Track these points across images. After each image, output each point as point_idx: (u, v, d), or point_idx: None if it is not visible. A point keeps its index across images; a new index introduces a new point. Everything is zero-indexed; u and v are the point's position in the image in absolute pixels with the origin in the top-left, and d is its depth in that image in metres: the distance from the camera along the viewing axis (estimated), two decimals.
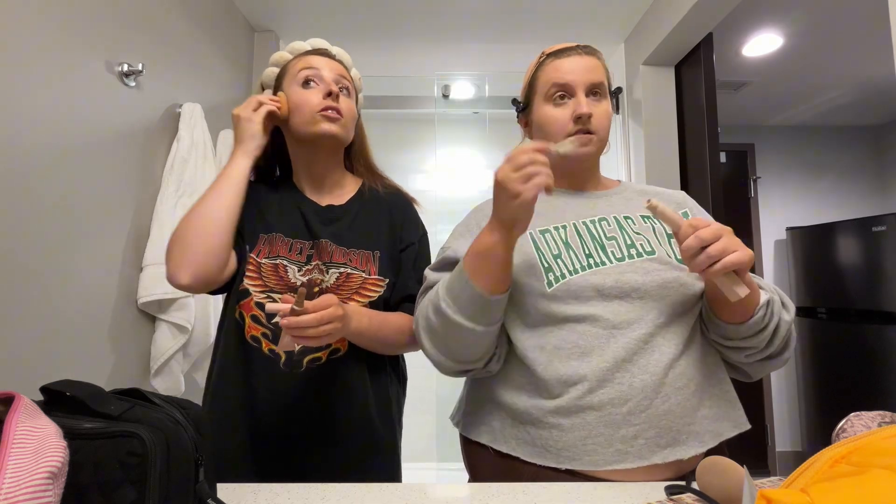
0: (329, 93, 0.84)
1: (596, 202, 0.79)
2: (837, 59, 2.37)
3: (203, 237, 0.77)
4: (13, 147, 0.96)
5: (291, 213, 0.87)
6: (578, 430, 0.65)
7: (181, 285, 0.76)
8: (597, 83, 0.76)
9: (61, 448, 0.37)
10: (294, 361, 0.80)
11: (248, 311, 0.81)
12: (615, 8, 1.96)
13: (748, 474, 0.43)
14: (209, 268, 0.77)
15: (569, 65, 0.77)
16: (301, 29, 2.12)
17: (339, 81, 0.88)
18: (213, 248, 0.77)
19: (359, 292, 0.85)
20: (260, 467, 0.79)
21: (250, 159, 0.84)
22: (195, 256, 0.76)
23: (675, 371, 0.66)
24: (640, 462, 0.63)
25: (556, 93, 0.77)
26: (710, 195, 1.87)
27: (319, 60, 0.88)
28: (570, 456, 0.65)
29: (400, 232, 0.92)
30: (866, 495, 0.29)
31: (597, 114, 0.76)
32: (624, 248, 0.72)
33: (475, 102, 2.56)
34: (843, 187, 3.30)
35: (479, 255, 0.65)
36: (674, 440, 0.64)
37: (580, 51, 0.78)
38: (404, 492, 0.60)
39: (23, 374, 0.98)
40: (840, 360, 2.72)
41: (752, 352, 0.69)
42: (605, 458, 0.64)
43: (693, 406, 0.66)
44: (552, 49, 0.81)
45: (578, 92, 0.76)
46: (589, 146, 0.76)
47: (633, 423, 0.63)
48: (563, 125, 0.76)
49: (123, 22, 1.28)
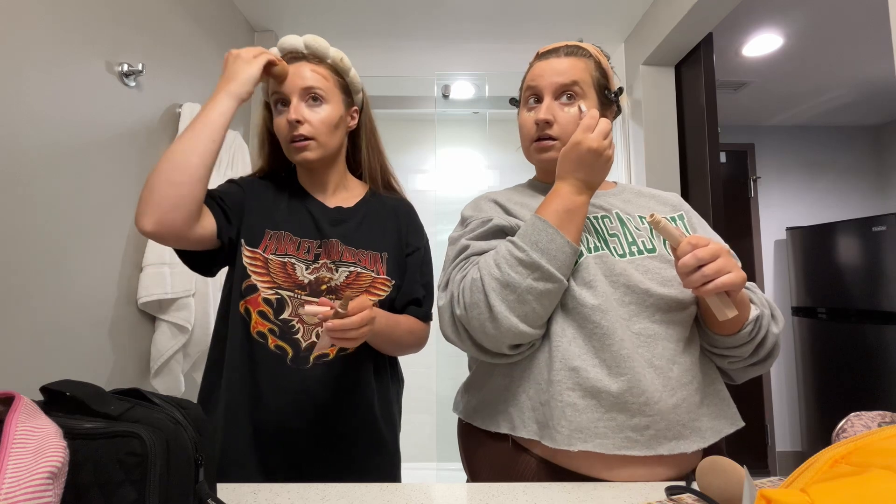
0: (289, 122, 0.81)
1: (596, 200, 0.80)
2: (837, 59, 2.37)
3: (170, 185, 0.71)
4: (13, 147, 0.96)
5: (300, 213, 0.87)
6: (592, 412, 0.65)
7: (145, 231, 0.71)
8: (566, 83, 0.75)
9: (61, 448, 0.37)
10: (301, 358, 0.80)
11: (255, 306, 0.81)
12: (615, 8, 1.96)
13: (748, 474, 0.43)
14: (174, 217, 0.71)
15: (541, 68, 0.77)
16: (301, 29, 2.11)
17: (305, 92, 0.83)
18: (181, 196, 0.71)
19: (369, 291, 0.86)
20: (263, 462, 0.79)
21: (236, 102, 0.77)
22: (161, 203, 0.70)
23: (680, 367, 0.67)
24: (647, 451, 0.63)
25: (529, 97, 0.78)
26: (710, 195, 1.86)
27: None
28: (582, 438, 0.64)
29: (406, 236, 0.93)
30: (866, 495, 0.29)
31: (561, 120, 0.75)
32: (626, 245, 0.73)
33: (475, 102, 2.56)
34: (843, 187, 3.30)
35: (569, 212, 0.67)
36: (679, 434, 0.65)
37: (562, 52, 0.77)
38: (404, 492, 0.60)
39: (23, 374, 0.98)
40: (840, 360, 2.72)
41: (735, 360, 0.71)
42: (616, 442, 0.64)
43: (696, 403, 0.67)
44: (543, 49, 0.81)
45: (545, 96, 0.76)
46: (549, 152, 0.76)
47: (648, 413, 0.64)
48: (528, 130, 0.78)
49: (123, 22, 1.28)
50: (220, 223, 0.80)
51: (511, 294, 0.65)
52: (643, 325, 0.68)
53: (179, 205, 0.71)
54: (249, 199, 0.85)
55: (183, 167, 0.72)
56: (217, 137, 0.75)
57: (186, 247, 0.78)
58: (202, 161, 0.73)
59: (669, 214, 0.80)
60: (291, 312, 0.81)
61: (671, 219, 0.79)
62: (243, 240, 0.83)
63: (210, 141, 0.74)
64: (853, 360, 2.63)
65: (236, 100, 0.77)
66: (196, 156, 0.73)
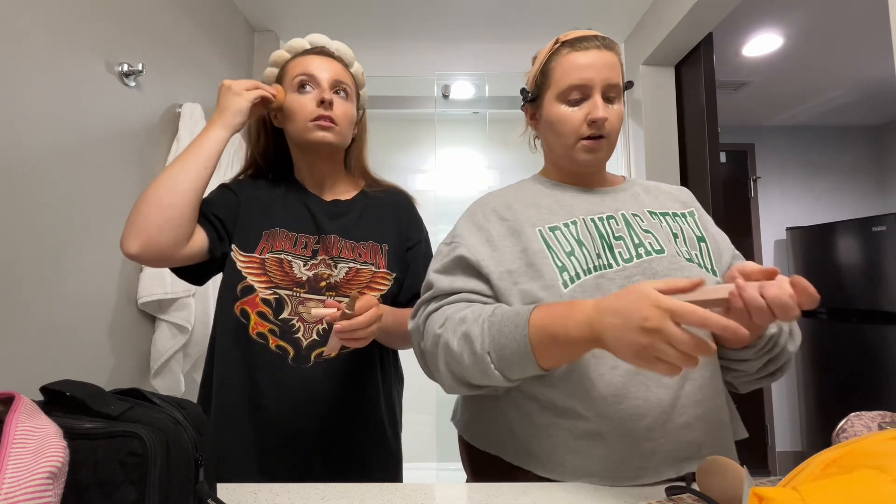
0: (322, 100, 0.82)
1: (603, 198, 0.76)
2: (837, 59, 2.37)
3: (160, 207, 0.71)
4: (13, 147, 0.96)
5: (296, 208, 0.87)
6: (598, 448, 0.62)
7: (129, 254, 0.71)
8: (614, 84, 0.71)
9: (61, 448, 0.37)
10: (302, 357, 0.80)
11: (253, 307, 0.80)
12: (615, 8, 1.96)
13: (748, 474, 0.43)
14: (161, 240, 0.71)
15: (586, 60, 0.70)
16: (301, 29, 2.11)
17: (336, 84, 0.86)
18: (169, 220, 0.72)
19: (370, 286, 0.85)
20: (263, 463, 0.78)
21: (229, 133, 0.80)
22: (147, 226, 0.71)
23: (693, 384, 0.64)
24: (656, 477, 0.61)
25: (572, 90, 0.72)
26: (710, 195, 1.86)
27: (315, 62, 0.86)
28: (588, 473, 0.62)
29: (406, 230, 0.93)
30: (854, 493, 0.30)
31: (611, 117, 0.71)
32: (632, 249, 0.69)
33: (475, 102, 2.56)
34: (842, 187, 3.30)
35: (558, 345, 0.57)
36: (694, 454, 0.62)
37: (598, 43, 0.71)
38: (404, 492, 0.60)
39: (23, 374, 0.98)
40: (840, 361, 2.72)
41: (741, 374, 0.68)
42: (624, 473, 0.62)
43: (714, 421, 0.64)
44: (568, 37, 0.74)
45: (595, 93, 0.71)
46: (599, 152, 0.73)
47: (652, 437, 0.61)
48: (576, 127, 0.72)
49: (123, 22, 1.28)
50: (212, 241, 0.80)
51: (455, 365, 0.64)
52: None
53: (165, 227, 0.72)
54: (243, 203, 0.85)
55: (173, 190, 0.73)
56: (209, 164, 0.77)
57: (174, 265, 0.80)
58: (193, 185, 0.74)
59: (680, 211, 0.76)
60: (291, 312, 0.81)
61: (682, 215, 0.75)
62: (235, 245, 0.82)
63: (202, 168, 0.76)
64: (853, 361, 2.63)
65: (229, 130, 0.80)
66: (188, 180, 0.74)
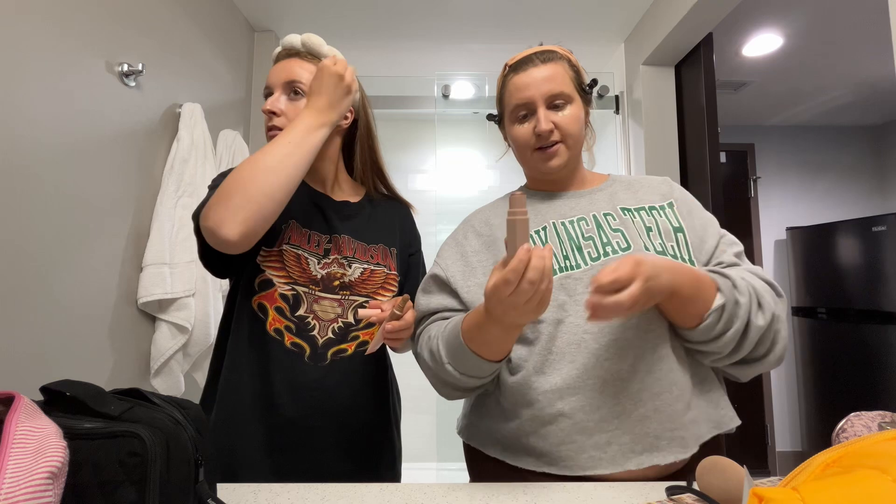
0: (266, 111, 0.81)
1: (577, 202, 0.79)
2: (837, 59, 2.37)
3: (272, 201, 0.67)
4: (13, 147, 0.96)
5: (307, 205, 0.86)
6: (553, 437, 0.66)
7: (227, 240, 0.65)
8: (556, 93, 0.75)
9: (61, 448, 0.37)
10: (318, 355, 0.80)
11: (272, 302, 0.79)
12: (615, 8, 1.96)
13: (748, 474, 0.43)
14: (259, 231, 0.68)
15: (525, 80, 0.75)
16: (301, 29, 2.11)
17: (288, 87, 0.82)
18: (273, 213, 0.68)
19: (384, 287, 0.87)
20: (276, 462, 0.78)
21: (329, 131, 0.75)
22: (255, 216, 0.66)
23: (654, 375, 0.66)
24: (613, 468, 0.64)
25: (518, 110, 0.77)
26: (710, 195, 1.86)
27: (275, 70, 0.84)
28: (548, 462, 0.67)
29: (409, 237, 0.96)
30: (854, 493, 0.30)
31: (560, 122, 0.75)
32: (600, 248, 0.72)
33: (475, 102, 2.56)
34: (842, 187, 3.30)
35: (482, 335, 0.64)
36: (651, 446, 0.64)
37: (537, 60, 0.76)
38: (404, 492, 0.60)
39: (23, 374, 0.98)
40: (840, 360, 2.72)
41: (715, 357, 0.67)
42: (580, 463, 0.65)
43: (677, 411, 0.65)
44: (513, 60, 0.80)
45: (539, 107, 0.75)
46: (557, 158, 0.76)
47: (606, 429, 0.65)
48: (527, 141, 0.77)
49: (123, 22, 1.28)
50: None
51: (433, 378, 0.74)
52: (610, 337, 0.66)
53: (269, 219, 0.69)
54: None
55: (285, 186, 0.69)
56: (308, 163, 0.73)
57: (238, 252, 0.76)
58: (295, 185, 0.71)
59: (658, 203, 0.77)
60: (307, 309, 0.80)
61: (660, 208, 0.77)
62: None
63: (305, 168, 0.72)
64: (853, 361, 2.63)
65: (329, 129, 0.76)
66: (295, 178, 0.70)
